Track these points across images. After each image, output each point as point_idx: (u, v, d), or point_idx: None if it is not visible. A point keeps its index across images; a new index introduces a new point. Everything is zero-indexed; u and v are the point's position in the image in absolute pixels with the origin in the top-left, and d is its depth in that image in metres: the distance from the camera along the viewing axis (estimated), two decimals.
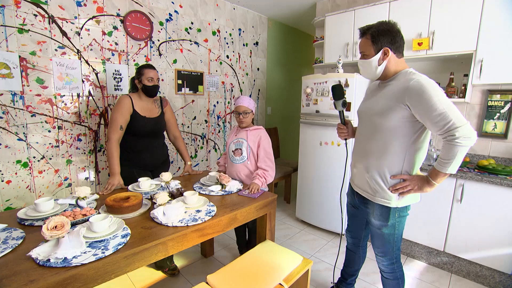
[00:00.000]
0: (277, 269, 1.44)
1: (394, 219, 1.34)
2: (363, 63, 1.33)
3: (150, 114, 1.95)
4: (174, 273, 2.05)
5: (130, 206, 1.35)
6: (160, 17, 2.74)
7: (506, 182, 1.81)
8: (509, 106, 2.18)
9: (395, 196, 1.30)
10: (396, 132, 1.24)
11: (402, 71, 1.27)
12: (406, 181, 1.27)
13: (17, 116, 2.03)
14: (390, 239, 1.39)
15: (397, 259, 1.45)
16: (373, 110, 1.32)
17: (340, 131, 1.59)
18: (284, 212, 3.31)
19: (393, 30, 1.25)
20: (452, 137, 1.10)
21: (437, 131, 1.14)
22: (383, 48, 1.25)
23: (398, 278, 1.47)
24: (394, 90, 1.24)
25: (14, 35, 1.95)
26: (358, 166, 1.42)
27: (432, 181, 1.21)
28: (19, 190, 2.10)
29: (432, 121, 1.13)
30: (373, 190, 1.36)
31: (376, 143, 1.31)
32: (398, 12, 2.39)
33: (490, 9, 1.97)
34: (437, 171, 1.19)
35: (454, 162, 1.13)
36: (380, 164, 1.31)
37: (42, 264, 0.94)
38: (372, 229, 1.45)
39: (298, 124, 2.92)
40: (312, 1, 3.34)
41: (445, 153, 1.14)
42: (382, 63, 1.27)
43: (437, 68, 2.52)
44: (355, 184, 1.50)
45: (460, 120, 1.09)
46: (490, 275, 1.98)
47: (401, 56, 1.30)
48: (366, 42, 1.29)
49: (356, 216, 1.61)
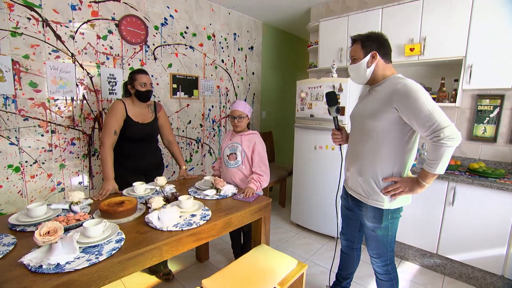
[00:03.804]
0: (272, 273, 1.44)
1: (387, 221, 1.37)
2: (353, 67, 1.41)
3: (143, 119, 1.95)
4: (169, 277, 2.03)
5: (125, 210, 1.34)
6: (155, 21, 2.75)
7: (496, 185, 1.84)
8: (498, 111, 2.23)
9: (388, 198, 1.33)
10: (386, 135, 1.28)
11: (391, 76, 1.34)
12: (397, 183, 1.31)
13: (9, 120, 2.00)
14: (384, 240, 1.42)
15: (391, 260, 1.47)
16: (364, 113, 1.37)
17: (334, 137, 1.63)
18: (279, 216, 3.31)
19: (381, 38, 1.36)
20: (438, 138, 1.14)
21: (424, 132, 1.18)
22: (371, 52, 1.33)
23: (392, 280, 1.50)
24: (383, 94, 1.29)
25: (7, 38, 1.94)
26: (351, 170, 1.46)
27: (422, 182, 1.25)
28: (10, 195, 2.06)
29: (419, 123, 1.17)
30: (366, 193, 1.39)
31: (368, 146, 1.35)
32: (390, 18, 2.43)
33: (479, 16, 2.02)
34: (426, 172, 1.22)
35: (441, 162, 1.16)
36: (372, 167, 1.35)
37: (34, 270, 0.93)
38: (366, 231, 1.48)
39: (292, 128, 2.94)
40: (306, 6, 3.39)
41: (432, 154, 1.18)
42: (371, 66, 1.34)
43: (428, 73, 2.57)
44: (348, 187, 1.52)
45: (445, 122, 1.13)
46: (482, 276, 2.01)
47: (389, 62, 1.38)
48: (356, 47, 1.38)
49: (350, 218, 1.64)
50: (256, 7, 3.42)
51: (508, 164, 2.21)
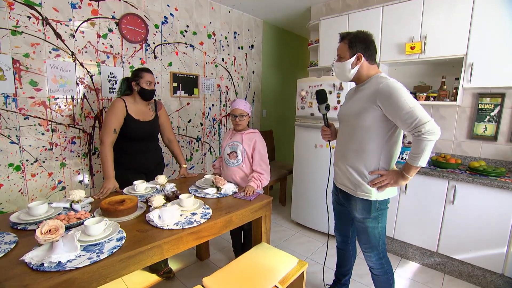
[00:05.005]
0: (272, 271, 1.44)
1: (376, 212, 1.43)
2: (338, 65, 1.45)
3: (144, 117, 1.95)
4: (170, 276, 2.04)
5: (125, 209, 1.34)
6: (155, 20, 2.74)
7: (497, 183, 1.85)
8: (499, 109, 2.23)
9: (375, 190, 1.40)
10: (371, 131, 1.35)
11: (374, 75, 1.40)
12: (383, 176, 1.38)
13: (9, 119, 2.00)
14: (374, 232, 1.46)
15: (383, 253, 1.52)
16: (350, 112, 1.44)
17: (324, 133, 1.72)
18: (279, 215, 3.31)
19: (368, 40, 1.39)
20: (419, 133, 1.21)
21: (406, 129, 1.26)
22: (357, 54, 1.37)
23: (387, 273, 1.53)
24: (367, 93, 1.36)
25: (7, 37, 1.93)
26: (340, 165, 1.53)
27: (406, 175, 1.32)
28: (11, 193, 2.07)
29: (401, 119, 1.24)
30: (354, 186, 1.45)
31: (354, 142, 1.42)
32: (390, 16, 2.43)
33: (480, 15, 2.01)
34: (409, 165, 1.30)
35: (423, 155, 1.24)
36: (359, 162, 1.41)
37: (35, 268, 0.93)
38: (357, 224, 1.53)
39: (293, 126, 2.94)
40: (307, 5, 3.38)
41: (414, 148, 1.26)
42: (355, 67, 1.40)
43: (429, 71, 2.57)
44: (338, 182, 1.59)
45: (425, 118, 1.20)
46: (482, 274, 2.01)
47: (373, 63, 1.43)
48: (343, 46, 1.41)
49: (342, 213, 1.69)
50: (257, 6, 3.41)
51: (509, 163, 2.21)
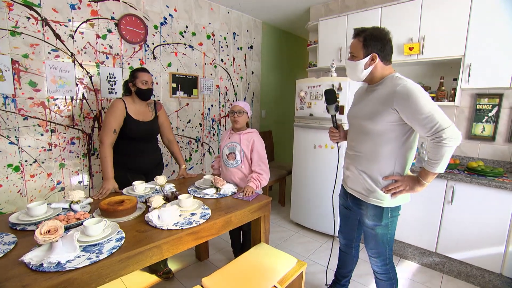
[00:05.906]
0: (271, 271, 1.44)
1: (387, 219, 1.37)
2: (350, 64, 1.36)
3: (143, 117, 1.95)
4: (169, 276, 2.04)
5: (125, 209, 1.35)
6: (154, 20, 2.75)
7: (494, 183, 1.85)
8: (497, 110, 2.24)
9: (388, 196, 1.33)
10: (385, 135, 1.28)
11: (389, 75, 1.31)
12: (398, 182, 1.31)
13: (8, 120, 2.00)
14: (383, 239, 1.42)
15: (390, 259, 1.48)
16: (362, 114, 1.35)
17: (332, 135, 1.63)
18: (278, 215, 3.32)
19: (384, 38, 1.29)
20: (440, 139, 1.14)
21: (425, 133, 1.18)
22: (371, 54, 1.28)
23: (391, 279, 1.50)
24: (382, 95, 1.27)
25: (6, 38, 1.93)
26: (351, 168, 1.45)
27: (423, 181, 1.26)
28: (10, 194, 2.07)
29: (420, 124, 1.17)
30: (366, 191, 1.38)
31: (367, 146, 1.34)
32: (389, 17, 2.44)
33: (478, 16, 2.03)
34: (427, 171, 1.23)
35: (442, 162, 1.17)
36: (372, 166, 1.34)
37: (35, 269, 0.94)
38: (365, 230, 1.48)
39: (292, 127, 2.94)
40: (306, 5, 3.39)
41: (434, 154, 1.19)
42: (369, 67, 1.31)
43: (427, 72, 2.58)
44: (348, 186, 1.52)
45: (446, 122, 1.13)
46: (480, 274, 2.02)
47: (388, 63, 1.33)
48: (357, 44, 1.31)
49: (348, 217, 1.64)
50: (256, 6, 3.42)
51: (507, 163, 2.22)
